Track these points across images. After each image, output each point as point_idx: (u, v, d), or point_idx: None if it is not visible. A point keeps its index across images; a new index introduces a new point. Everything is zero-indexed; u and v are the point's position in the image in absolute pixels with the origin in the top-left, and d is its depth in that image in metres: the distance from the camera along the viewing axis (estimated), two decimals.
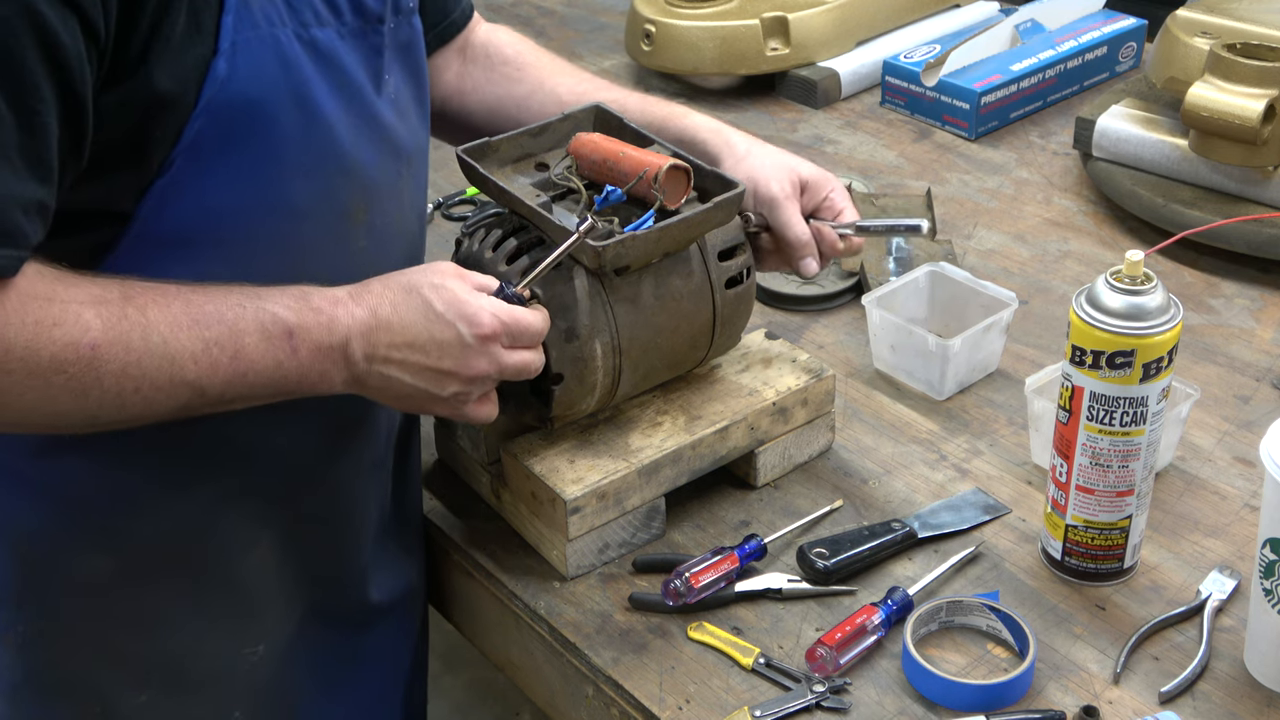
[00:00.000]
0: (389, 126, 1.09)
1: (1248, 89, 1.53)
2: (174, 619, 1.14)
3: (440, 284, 1.03)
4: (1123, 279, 1.06)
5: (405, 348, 1.02)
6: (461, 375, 1.04)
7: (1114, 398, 1.08)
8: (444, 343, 1.02)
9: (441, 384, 1.04)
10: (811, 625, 1.15)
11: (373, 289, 1.03)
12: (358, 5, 1.05)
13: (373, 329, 1.01)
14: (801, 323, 1.54)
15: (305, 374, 1.00)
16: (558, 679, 1.19)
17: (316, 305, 1.00)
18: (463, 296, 1.03)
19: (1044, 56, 1.97)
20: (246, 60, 0.95)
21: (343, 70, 1.03)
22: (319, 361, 1.00)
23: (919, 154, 1.88)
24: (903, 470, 1.31)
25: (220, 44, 0.94)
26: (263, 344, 0.97)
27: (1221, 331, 1.50)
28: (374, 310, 1.01)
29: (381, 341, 1.01)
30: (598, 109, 1.28)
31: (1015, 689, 1.07)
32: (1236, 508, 1.25)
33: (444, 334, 1.02)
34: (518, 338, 1.06)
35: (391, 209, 1.12)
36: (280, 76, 0.98)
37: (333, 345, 1.00)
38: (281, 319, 0.98)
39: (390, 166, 1.10)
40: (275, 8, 0.98)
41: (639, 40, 2.07)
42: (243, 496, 1.12)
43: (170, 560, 1.12)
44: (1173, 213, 1.61)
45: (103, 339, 0.91)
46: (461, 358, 1.03)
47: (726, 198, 1.16)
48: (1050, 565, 1.19)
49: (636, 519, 1.22)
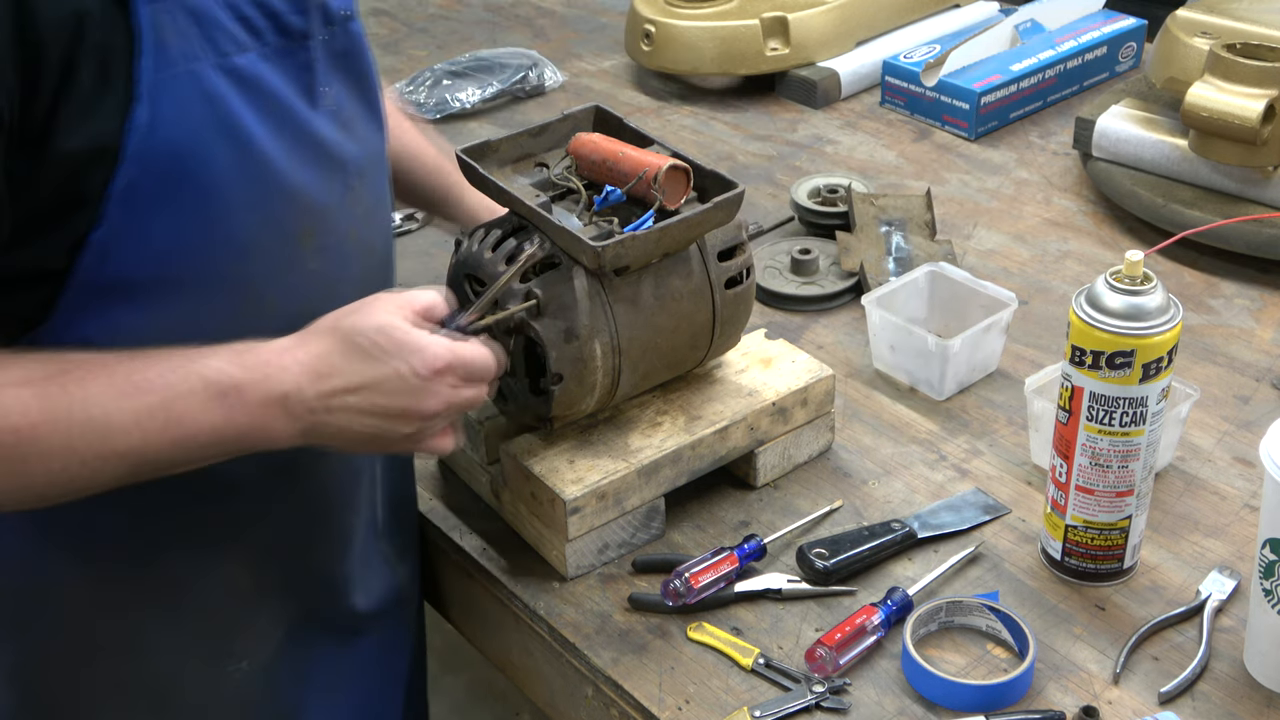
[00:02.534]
0: (329, 141, 1.06)
1: (1247, 89, 1.53)
2: (153, 642, 1.13)
3: (384, 324, 0.99)
4: (1122, 279, 1.06)
5: (354, 392, 0.99)
6: (414, 414, 1.01)
7: (1114, 398, 1.08)
8: (393, 383, 0.99)
9: (395, 424, 1.01)
10: (811, 625, 1.15)
11: (316, 336, 1.00)
12: (279, 25, 1.01)
13: (318, 377, 0.98)
14: (801, 323, 1.54)
15: (249, 431, 0.97)
16: (557, 679, 1.19)
17: (256, 360, 0.97)
18: (406, 335, 0.99)
19: (1044, 56, 1.97)
20: (169, 102, 0.92)
21: (270, 93, 1.00)
22: (262, 417, 0.97)
23: (919, 154, 1.88)
24: (902, 470, 1.31)
25: (139, 90, 0.91)
26: (200, 405, 0.95)
27: (1221, 332, 1.50)
28: (318, 358, 0.98)
29: (328, 389, 0.98)
30: (597, 109, 1.28)
31: (1015, 689, 1.07)
32: (1236, 508, 1.25)
33: (392, 374, 0.99)
34: (469, 374, 1.02)
35: (342, 226, 1.08)
36: (206, 112, 0.95)
37: (274, 399, 0.97)
38: (218, 377, 0.95)
39: (335, 182, 1.07)
40: (191, 42, 0.94)
41: (639, 40, 2.07)
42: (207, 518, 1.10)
43: (143, 585, 1.10)
44: (1172, 213, 1.61)
45: (41, 419, 0.90)
46: (413, 396, 1.00)
47: (726, 198, 1.16)
48: (1050, 565, 1.19)
49: (636, 519, 1.22)
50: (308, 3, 1.03)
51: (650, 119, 2.01)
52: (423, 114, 2.02)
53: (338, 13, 1.07)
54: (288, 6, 1.02)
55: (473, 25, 2.37)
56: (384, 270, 1.19)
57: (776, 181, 1.82)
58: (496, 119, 2.03)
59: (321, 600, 1.24)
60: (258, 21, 0.99)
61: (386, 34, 2.34)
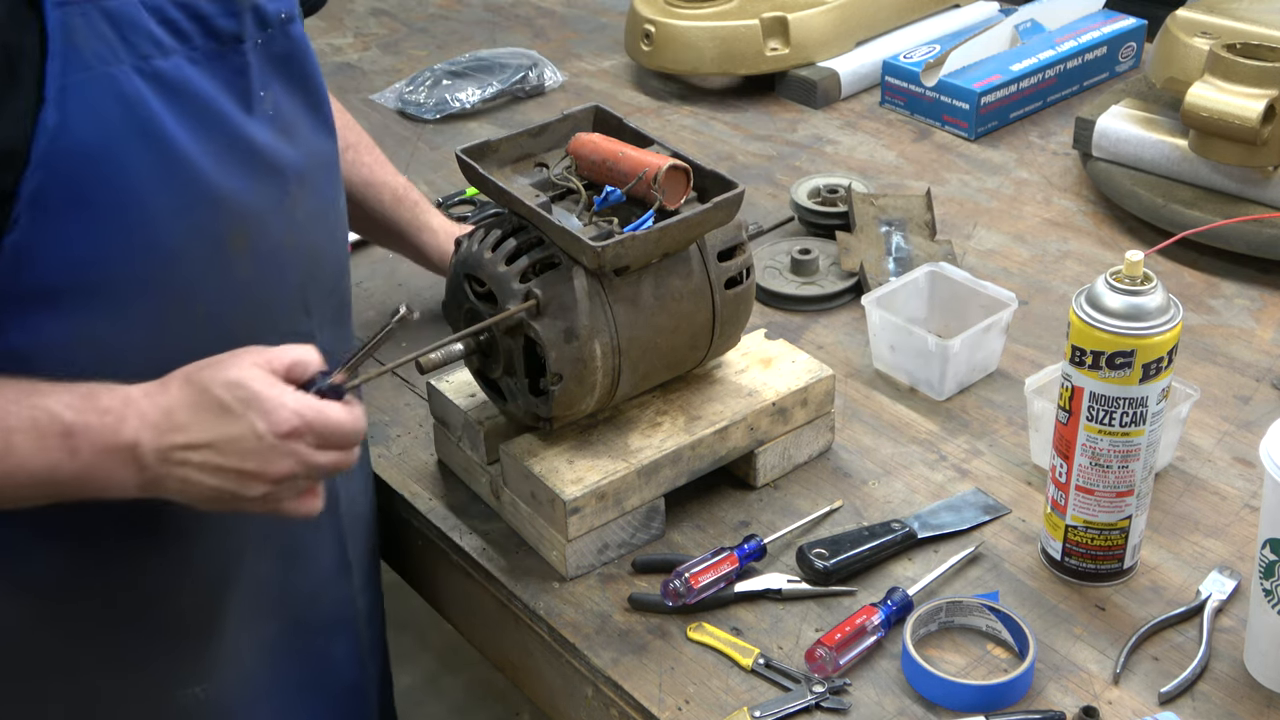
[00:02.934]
0: (264, 147, 1.03)
1: (1247, 89, 1.53)
2: (97, 664, 1.11)
3: (237, 380, 0.94)
4: (1123, 279, 1.06)
5: (200, 448, 0.94)
6: (265, 476, 0.96)
7: (1114, 398, 1.08)
8: (241, 442, 0.94)
9: (245, 485, 0.96)
10: (811, 626, 1.15)
11: (170, 386, 0.96)
12: (208, 28, 0.99)
13: (163, 431, 0.94)
14: (801, 323, 1.54)
15: (88, 476, 0.94)
16: (557, 679, 1.19)
17: (104, 405, 0.93)
18: (260, 392, 0.94)
19: (1044, 56, 1.97)
20: (79, 105, 0.90)
21: (197, 97, 0.97)
22: (103, 463, 0.94)
23: (919, 154, 1.88)
24: (902, 470, 1.31)
25: (46, 92, 0.89)
26: (36, 443, 0.92)
27: (1221, 332, 1.50)
28: (168, 410, 0.94)
29: (175, 443, 0.94)
30: (597, 109, 1.28)
31: (1015, 689, 1.07)
32: (1236, 508, 1.25)
33: (239, 432, 0.94)
34: (326, 438, 0.97)
35: (277, 232, 1.06)
36: (121, 116, 0.92)
37: (118, 447, 0.93)
38: (58, 416, 0.92)
39: (271, 188, 1.05)
40: (107, 45, 0.92)
41: (639, 40, 2.07)
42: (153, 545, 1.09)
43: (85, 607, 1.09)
44: (1172, 213, 1.61)
45: None
46: (261, 458, 0.95)
47: (726, 198, 1.16)
48: (1050, 565, 1.19)
49: (636, 519, 1.22)
50: (239, 5, 1.01)
51: (650, 119, 2.01)
52: (422, 114, 2.02)
53: (275, 15, 1.05)
54: (217, 9, 1.00)
55: (473, 25, 2.37)
56: (334, 275, 1.17)
57: (776, 181, 1.82)
58: (496, 119, 2.03)
59: (284, 622, 1.23)
60: (184, 25, 0.97)
61: (386, 34, 2.34)
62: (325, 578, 1.27)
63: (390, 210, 1.42)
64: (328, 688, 1.31)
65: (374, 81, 2.16)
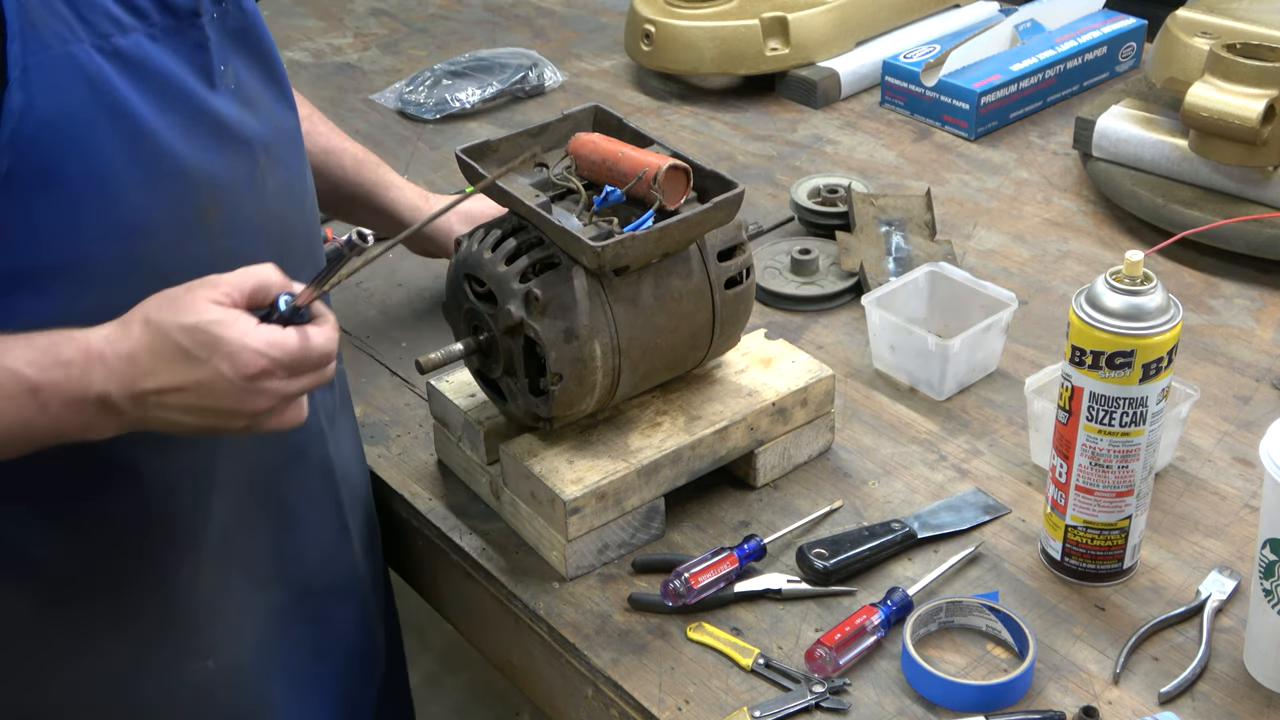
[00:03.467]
0: (229, 120, 1.03)
1: (1247, 89, 1.53)
2: (106, 645, 1.12)
3: (195, 324, 0.92)
4: (1122, 279, 1.06)
5: (171, 392, 0.93)
6: (243, 413, 0.95)
7: (1114, 398, 1.08)
8: (211, 385, 0.93)
9: (225, 420, 0.96)
10: (811, 626, 1.15)
11: (132, 329, 0.93)
12: (164, 4, 0.99)
13: (133, 378, 0.93)
14: (801, 323, 1.54)
15: (62, 428, 0.94)
16: (557, 679, 1.19)
17: (66, 358, 0.92)
18: (221, 335, 0.92)
19: (1044, 56, 1.97)
20: (43, 85, 0.90)
21: (159, 73, 0.97)
22: (75, 415, 0.93)
23: (919, 154, 1.88)
24: (902, 470, 1.31)
25: (9, 73, 0.89)
26: (4, 402, 0.91)
27: (1221, 332, 1.50)
28: (132, 357, 0.92)
29: (145, 389, 0.93)
30: (597, 109, 1.28)
31: (1015, 689, 1.07)
32: (1236, 508, 1.25)
33: (207, 377, 0.92)
34: (297, 367, 0.95)
35: (249, 203, 1.06)
36: (86, 95, 0.92)
37: (87, 399, 0.92)
38: (22, 376, 0.91)
39: (239, 159, 1.05)
40: (66, 25, 0.92)
41: (638, 40, 2.07)
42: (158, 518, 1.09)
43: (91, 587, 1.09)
44: (1172, 213, 1.61)
45: None
46: (236, 398, 0.94)
47: (726, 198, 1.16)
48: (1050, 565, 1.19)
49: (636, 519, 1.22)
50: None
51: (650, 119, 2.01)
52: (422, 114, 2.02)
53: None
54: None
55: (473, 25, 2.37)
56: (307, 248, 1.18)
57: (776, 181, 1.82)
58: (496, 119, 2.03)
59: (289, 591, 1.24)
60: (140, 2, 0.97)
61: (386, 34, 2.34)
62: (325, 544, 1.27)
63: (353, 174, 1.43)
64: (336, 655, 1.31)
65: (374, 81, 2.16)
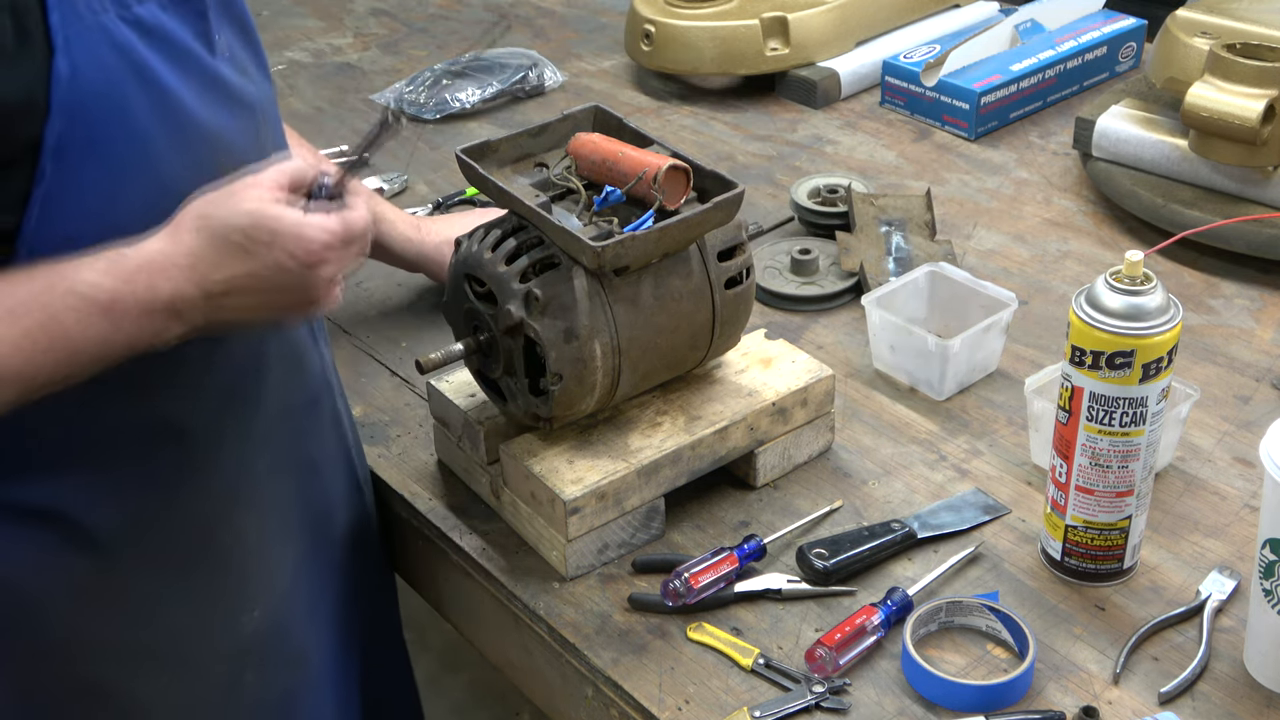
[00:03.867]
0: (233, 85, 1.07)
1: (1247, 89, 1.53)
2: (160, 604, 1.14)
3: (254, 213, 0.97)
4: (1122, 279, 1.06)
5: (238, 293, 0.98)
6: (303, 298, 1.01)
7: (1114, 398, 1.08)
8: (276, 274, 0.98)
9: (286, 308, 1.02)
10: (811, 626, 1.15)
11: (188, 234, 0.97)
12: None
13: (199, 278, 0.97)
14: (801, 323, 1.54)
15: (136, 339, 0.97)
16: (557, 679, 1.19)
17: (131, 271, 0.95)
18: (278, 226, 0.97)
19: (1044, 56, 1.96)
20: (83, 53, 0.94)
21: (174, 41, 1.01)
22: (147, 324, 0.96)
23: (919, 154, 1.88)
24: (902, 470, 1.31)
25: (54, 43, 0.92)
26: (82, 321, 0.94)
27: (1221, 331, 1.50)
28: (193, 259, 0.96)
29: (212, 291, 0.97)
30: (597, 109, 1.28)
31: (1015, 689, 1.07)
32: (1236, 508, 1.25)
33: (270, 267, 0.97)
34: (349, 244, 1.01)
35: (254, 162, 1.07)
36: (119, 62, 0.96)
37: (156, 307, 0.96)
38: (94, 296, 0.94)
39: (246, 124, 1.09)
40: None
41: (639, 40, 2.07)
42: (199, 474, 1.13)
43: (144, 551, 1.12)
44: (1172, 213, 1.61)
45: None
46: (299, 286, 0.99)
47: (726, 198, 1.16)
48: (1050, 565, 1.19)
49: (636, 519, 1.22)
50: None
51: (650, 119, 2.01)
52: (422, 114, 2.02)
53: None
54: None
55: (473, 25, 2.37)
56: None
57: (776, 181, 1.82)
58: (496, 119, 2.03)
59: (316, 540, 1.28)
60: None
61: (386, 34, 2.34)
62: (340, 493, 1.31)
63: None
64: (359, 601, 1.37)
65: (374, 81, 2.16)
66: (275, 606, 1.24)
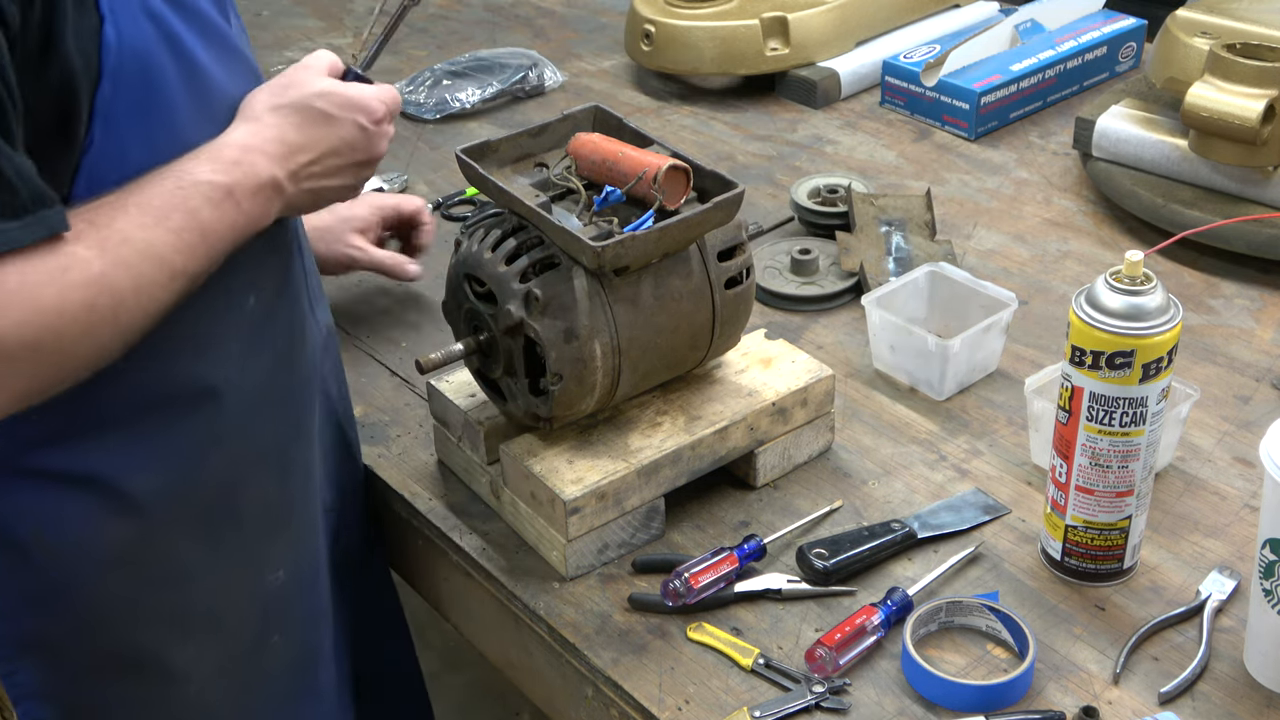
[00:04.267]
0: (245, 56, 1.13)
1: (1247, 89, 1.53)
2: (195, 568, 1.17)
3: (327, 90, 1.10)
4: (1122, 279, 1.06)
5: (322, 159, 1.09)
6: (371, 160, 1.13)
7: (1114, 398, 1.08)
8: (352, 140, 1.11)
9: (358, 175, 1.13)
10: (811, 626, 1.15)
11: (269, 116, 1.07)
12: None
13: (288, 155, 1.07)
14: (801, 323, 1.54)
15: (251, 221, 1.05)
16: (557, 679, 1.19)
17: (234, 158, 1.03)
18: (348, 93, 1.11)
19: (1044, 56, 1.97)
20: (126, 22, 0.98)
21: (199, 12, 1.06)
22: (259, 205, 1.05)
23: (919, 154, 1.88)
24: (902, 470, 1.31)
25: (102, 11, 0.96)
26: (216, 213, 1.01)
27: (1221, 332, 1.50)
28: (280, 139, 1.06)
29: (300, 163, 1.07)
30: (597, 109, 1.28)
31: (1015, 689, 1.07)
32: (1236, 508, 1.25)
33: (348, 133, 1.10)
34: (394, 109, 1.15)
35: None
36: (155, 31, 1.00)
37: (262, 186, 1.04)
38: (218, 184, 1.01)
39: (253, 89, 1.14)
40: None
41: (638, 40, 2.07)
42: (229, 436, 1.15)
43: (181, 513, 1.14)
44: (1172, 213, 1.61)
45: (105, 266, 0.94)
46: (367, 146, 1.12)
47: (726, 198, 1.16)
48: (1050, 565, 1.19)
49: (636, 519, 1.22)
50: None
51: (650, 119, 2.01)
52: (422, 114, 2.02)
53: None
54: None
55: (473, 25, 2.37)
56: None
57: (776, 181, 1.82)
58: (496, 119, 2.03)
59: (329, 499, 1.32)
60: None
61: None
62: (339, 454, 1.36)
63: None
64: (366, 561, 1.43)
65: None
66: (299, 567, 1.27)
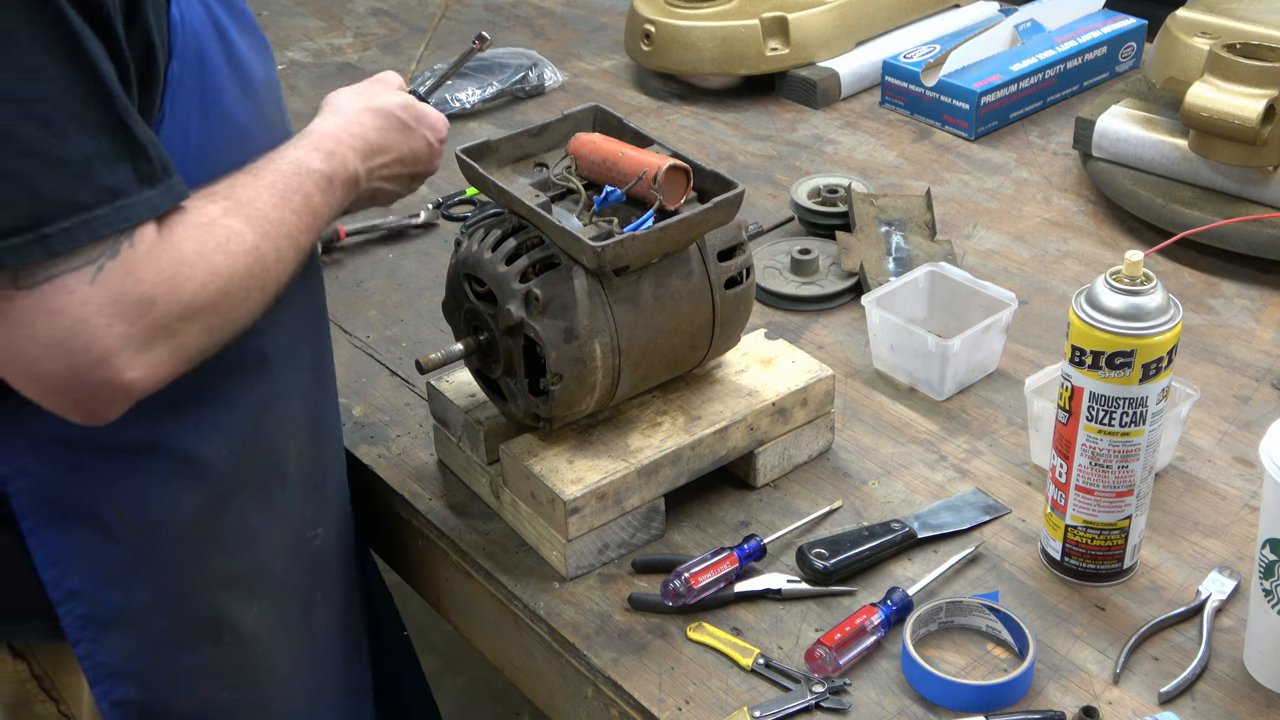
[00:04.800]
0: (264, 37, 1.18)
1: (1247, 89, 1.53)
2: (259, 529, 1.20)
3: (407, 102, 1.20)
4: (1122, 279, 1.06)
5: (393, 164, 1.18)
6: (427, 173, 1.23)
7: (1114, 398, 1.08)
8: (419, 153, 1.20)
9: (410, 185, 1.22)
10: (811, 626, 1.15)
11: (354, 116, 1.16)
12: None
13: (369, 154, 1.15)
14: (801, 323, 1.54)
15: (338, 208, 1.12)
16: (557, 679, 1.19)
17: (330, 149, 1.11)
18: (422, 110, 1.21)
19: (1044, 56, 1.97)
20: (186, 3, 1.02)
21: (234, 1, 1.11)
22: (345, 195, 1.12)
23: (919, 154, 1.88)
24: (902, 470, 1.31)
25: None
26: (322, 198, 1.08)
27: (1221, 332, 1.50)
28: (365, 138, 1.15)
29: (377, 163, 1.16)
30: (597, 109, 1.28)
31: (1015, 689, 1.07)
32: (1236, 508, 1.25)
33: (418, 145, 1.20)
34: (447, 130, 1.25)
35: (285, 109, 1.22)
36: (203, 15, 1.05)
37: (350, 179, 1.12)
38: (324, 172, 1.09)
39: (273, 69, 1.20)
40: None
41: (639, 40, 2.07)
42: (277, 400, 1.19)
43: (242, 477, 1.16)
44: (1173, 213, 1.61)
45: (256, 238, 0.98)
46: (429, 160, 1.22)
47: (726, 198, 1.16)
48: (1050, 565, 1.19)
49: (636, 519, 1.22)
50: None
51: (650, 119, 2.01)
52: None
53: None
54: None
55: (473, 25, 2.37)
56: None
57: (776, 181, 1.82)
58: (496, 119, 2.03)
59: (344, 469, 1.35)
60: None
61: (386, 34, 2.34)
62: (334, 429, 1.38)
63: None
64: None
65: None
66: (333, 526, 1.30)
